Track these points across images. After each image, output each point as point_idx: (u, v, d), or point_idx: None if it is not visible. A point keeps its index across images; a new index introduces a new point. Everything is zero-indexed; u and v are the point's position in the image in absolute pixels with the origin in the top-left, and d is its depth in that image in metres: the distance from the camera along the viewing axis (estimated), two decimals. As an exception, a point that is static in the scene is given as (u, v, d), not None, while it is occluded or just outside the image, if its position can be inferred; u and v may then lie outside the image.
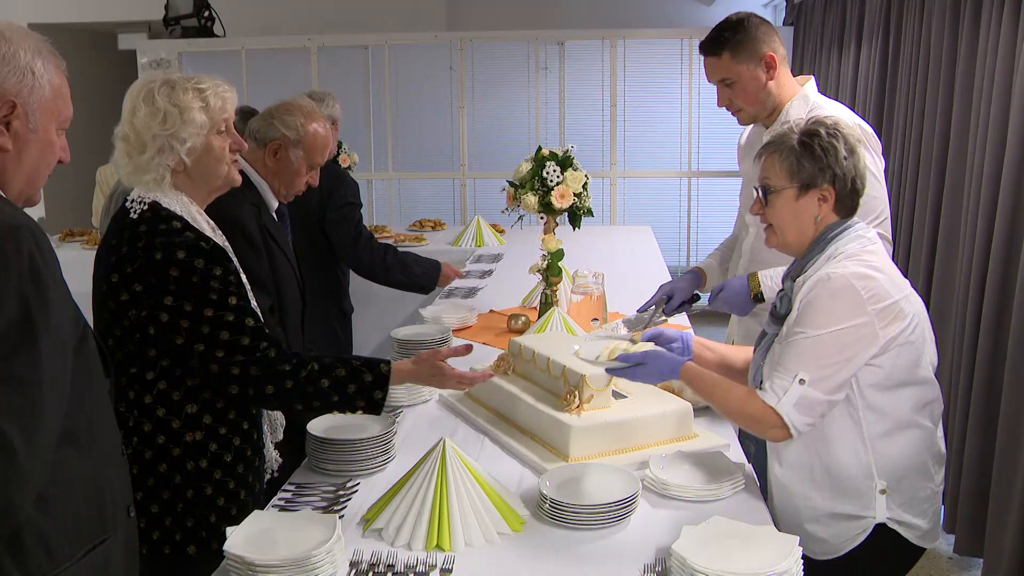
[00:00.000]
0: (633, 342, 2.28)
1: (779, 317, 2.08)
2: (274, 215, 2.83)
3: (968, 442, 3.54)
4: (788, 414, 1.93)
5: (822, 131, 2.03)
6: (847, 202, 2.05)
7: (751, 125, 2.89)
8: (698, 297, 2.87)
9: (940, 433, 2.11)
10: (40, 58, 1.54)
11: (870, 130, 2.61)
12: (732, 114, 2.78)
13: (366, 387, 2.10)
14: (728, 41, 2.65)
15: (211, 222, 2.19)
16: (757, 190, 2.10)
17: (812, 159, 2.01)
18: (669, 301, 2.79)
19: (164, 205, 2.09)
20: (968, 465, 3.53)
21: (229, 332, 2.04)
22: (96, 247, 5.33)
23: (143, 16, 7.84)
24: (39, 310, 1.39)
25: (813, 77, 2.77)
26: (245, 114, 4.97)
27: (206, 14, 7.06)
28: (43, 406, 1.39)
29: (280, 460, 2.40)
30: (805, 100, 2.68)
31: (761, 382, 2.03)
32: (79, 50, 8.35)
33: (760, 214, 2.12)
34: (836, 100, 2.77)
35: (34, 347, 1.38)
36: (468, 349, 2.29)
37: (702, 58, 2.75)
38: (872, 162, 2.42)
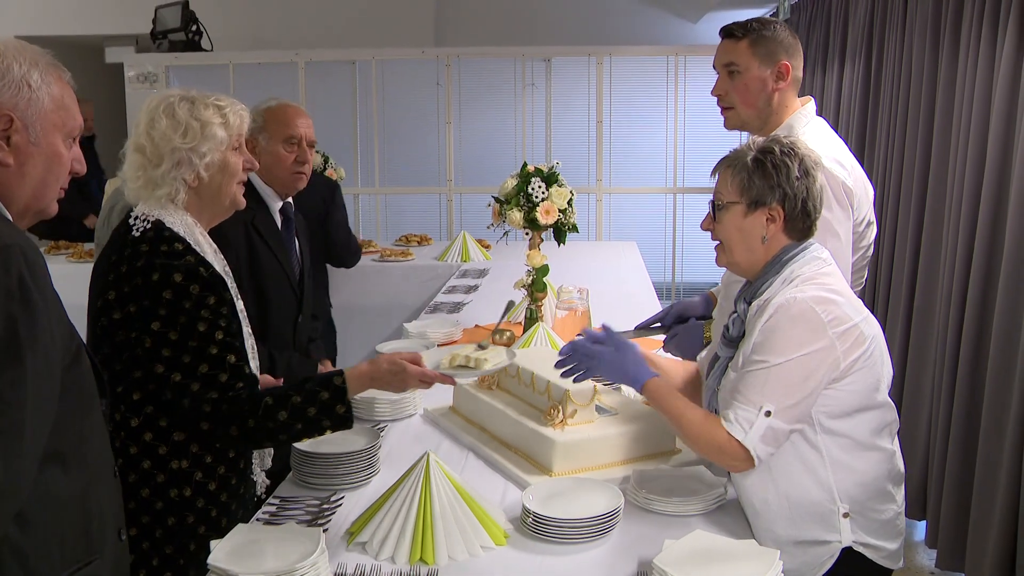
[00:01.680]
0: (482, 347, 2.32)
1: (731, 340, 2.05)
2: (276, 216, 2.83)
3: (949, 458, 3.56)
4: (755, 448, 1.91)
5: (776, 149, 1.99)
6: (798, 224, 2.01)
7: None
8: (710, 318, 2.74)
9: (898, 452, 2.09)
10: (37, 70, 1.53)
11: (849, 183, 2.36)
12: (721, 112, 2.59)
13: (326, 405, 2.05)
14: (754, 31, 2.49)
15: (213, 245, 2.18)
16: (709, 205, 2.08)
17: (763, 176, 1.98)
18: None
19: (168, 224, 2.08)
20: (949, 481, 3.56)
21: (208, 365, 2.01)
22: (82, 260, 5.38)
23: (130, 30, 7.84)
24: (27, 330, 1.39)
25: (812, 99, 2.62)
26: None
27: (194, 28, 7.05)
28: (24, 426, 1.38)
29: (268, 482, 2.39)
30: (789, 129, 2.45)
31: (717, 410, 2.03)
32: (66, 63, 8.32)
33: (710, 230, 2.09)
34: (835, 130, 2.60)
35: (19, 367, 1.38)
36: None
37: (689, 73, 2.62)
38: (830, 212, 2.26)
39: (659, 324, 2.71)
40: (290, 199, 2.95)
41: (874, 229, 2.57)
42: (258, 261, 2.72)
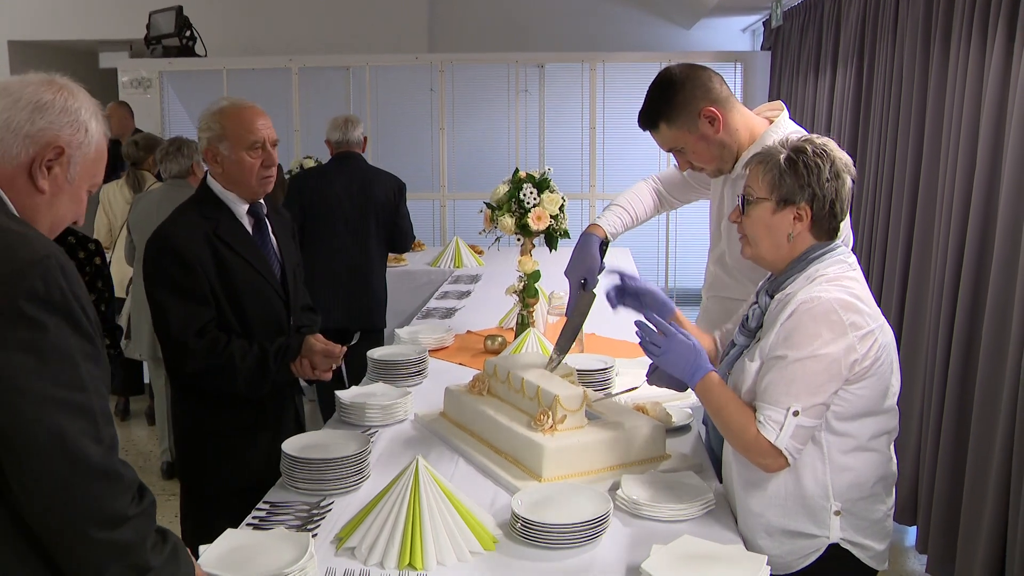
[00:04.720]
0: None
1: (750, 330, 2.09)
2: (244, 222, 2.70)
3: (939, 464, 3.57)
4: (787, 447, 1.94)
5: (809, 149, 2.03)
6: (824, 224, 2.04)
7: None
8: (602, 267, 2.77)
9: (894, 457, 2.12)
10: (95, 121, 1.63)
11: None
12: (699, 171, 2.63)
13: None
14: (660, 111, 2.51)
15: None
16: (739, 199, 2.11)
17: (794, 175, 2.01)
18: (585, 283, 2.72)
19: None
20: (939, 487, 3.57)
21: None
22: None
23: (125, 35, 7.84)
24: (62, 340, 1.45)
25: (784, 106, 2.61)
26: (150, 143, 4.97)
27: (187, 34, 7.05)
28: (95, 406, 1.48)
29: None
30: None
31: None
32: (60, 68, 8.31)
33: (738, 223, 2.13)
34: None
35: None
36: None
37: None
38: None
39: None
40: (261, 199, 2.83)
41: (851, 241, 2.58)
42: (228, 272, 2.61)
